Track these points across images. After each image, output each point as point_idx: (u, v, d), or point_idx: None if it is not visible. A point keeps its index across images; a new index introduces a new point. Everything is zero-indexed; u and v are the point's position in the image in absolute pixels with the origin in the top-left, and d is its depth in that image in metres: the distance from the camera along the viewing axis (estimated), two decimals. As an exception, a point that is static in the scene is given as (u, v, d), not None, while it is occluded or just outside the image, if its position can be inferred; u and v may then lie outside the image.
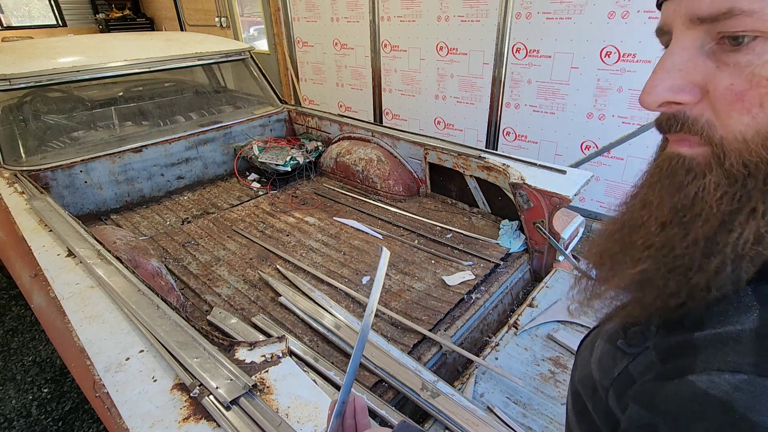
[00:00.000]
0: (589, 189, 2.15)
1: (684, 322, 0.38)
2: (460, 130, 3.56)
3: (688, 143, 0.35)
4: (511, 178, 1.85)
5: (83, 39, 2.68)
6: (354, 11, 3.83)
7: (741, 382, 0.29)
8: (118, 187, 2.35)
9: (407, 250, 1.96)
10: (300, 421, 0.78)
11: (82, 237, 1.34)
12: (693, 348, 0.34)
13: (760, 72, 0.30)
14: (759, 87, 0.30)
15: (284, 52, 4.79)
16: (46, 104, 2.49)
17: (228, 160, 2.80)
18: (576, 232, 1.97)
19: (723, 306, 0.35)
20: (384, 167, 2.44)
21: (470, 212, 2.27)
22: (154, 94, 2.89)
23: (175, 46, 2.62)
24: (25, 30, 6.82)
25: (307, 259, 1.92)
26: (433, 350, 1.45)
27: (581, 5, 2.59)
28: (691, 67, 0.34)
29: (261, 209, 2.38)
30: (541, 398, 1.31)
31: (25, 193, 1.68)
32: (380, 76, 3.93)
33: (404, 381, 1.25)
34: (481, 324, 1.65)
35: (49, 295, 1.11)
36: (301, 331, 1.49)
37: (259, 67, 3.05)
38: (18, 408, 1.88)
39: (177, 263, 1.91)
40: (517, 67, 3.00)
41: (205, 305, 1.64)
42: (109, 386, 0.85)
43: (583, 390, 0.49)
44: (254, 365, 0.90)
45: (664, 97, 0.35)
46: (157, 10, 7.30)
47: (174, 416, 0.79)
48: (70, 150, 2.27)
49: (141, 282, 1.13)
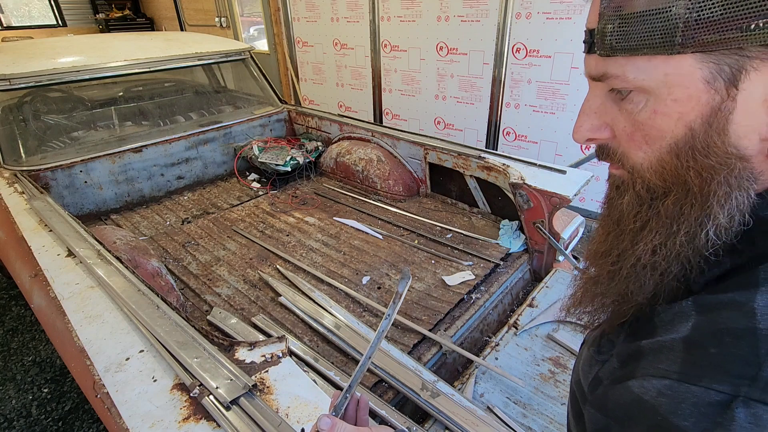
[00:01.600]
0: (589, 189, 2.16)
1: (640, 330, 0.42)
2: (460, 130, 3.56)
3: (615, 167, 0.43)
4: (511, 178, 1.84)
5: (83, 39, 2.68)
6: (354, 11, 3.83)
7: (664, 387, 0.32)
8: (118, 187, 2.35)
9: (407, 250, 1.96)
10: (300, 421, 0.78)
11: (82, 237, 1.34)
12: (640, 354, 0.38)
13: (639, 118, 0.38)
14: (640, 129, 0.38)
15: (284, 52, 4.79)
16: (46, 104, 2.49)
17: (228, 160, 2.80)
18: (576, 232, 1.97)
19: (670, 315, 0.39)
20: (384, 167, 2.44)
21: (470, 212, 2.27)
22: (154, 94, 2.89)
23: (175, 46, 2.62)
24: (25, 30, 6.81)
25: (307, 259, 1.92)
26: (433, 350, 1.45)
27: (581, 5, 2.59)
28: (603, 110, 0.41)
29: (261, 209, 2.38)
30: (541, 398, 1.31)
31: (25, 193, 1.68)
32: (380, 76, 3.93)
33: (404, 381, 1.25)
34: (481, 324, 1.65)
35: (49, 295, 1.11)
36: (301, 331, 1.49)
37: (259, 67, 3.05)
38: (18, 408, 1.88)
39: (177, 263, 1.91)
40: (517, 67, 3.00)
41: (205, 305, 1.64)
42: (109, 386, 0.85)
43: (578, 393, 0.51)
44: (254, 365, 0.90)
45: (586, 136, 0.43)
46: (157, 10, 7.30)
47: (174, 416, 0.79)
48: (70, 150, 2.27)
49: (141, 282, 1.13)
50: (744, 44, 0.31)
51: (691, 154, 0.36)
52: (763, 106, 0.33)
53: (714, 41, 0.31)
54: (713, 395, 0.30)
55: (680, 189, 0.37)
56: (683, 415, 0.30)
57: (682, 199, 0.37)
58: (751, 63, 0.31)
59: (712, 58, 0.32)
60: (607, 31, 0.36)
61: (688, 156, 0.36)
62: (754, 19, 0.30)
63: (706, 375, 0.31)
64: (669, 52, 0.33)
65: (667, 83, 0.34)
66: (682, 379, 0.31)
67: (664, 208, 0.38)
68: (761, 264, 0.35)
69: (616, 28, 0.36)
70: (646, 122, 0.37)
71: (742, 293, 0.34)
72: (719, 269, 0.38)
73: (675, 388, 0.31)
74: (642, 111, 0.37)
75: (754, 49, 0.31)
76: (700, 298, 0.37)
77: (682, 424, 0.30)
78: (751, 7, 0.30)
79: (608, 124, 0.41)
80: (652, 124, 0.37)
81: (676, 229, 0.38)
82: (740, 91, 0.33)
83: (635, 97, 0.37)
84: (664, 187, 0.38)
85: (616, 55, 0.36)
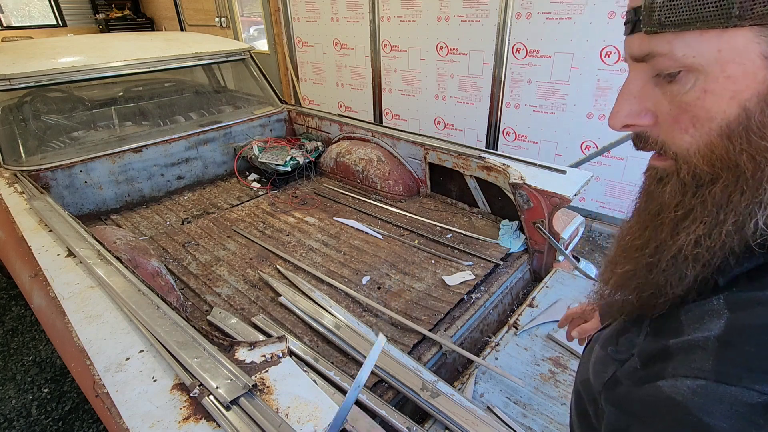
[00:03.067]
0: (589, 189, 2.16)
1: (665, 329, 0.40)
2: (460, 130, 3.56)
3: (659, 157, 0.41)
4: (511, 178, 1.84)
5: (83, 39, 2.68)
6: (354, 11, 3.83)
7: (699, 387, 0.31)
8: (118, 187, 2.35)
9: (407, 250, 1.96)
10: (300, 421, 0.78)
11: (82, 237, 1.33)
12: (668, 354, 0.37)
13: (686, 99, 0.35)
14: (687, 111, 0.36)
15: (284, 52, 4.79)
16: (46, 104, 2.49)
17: (228, 160, 2.80)
18: (576, 232, 1.97)
19: (699, 313, 0.37)
20: (384, 167, 2.44)
21: (470, 212, 2.27)
22: (154, 94, 2.89)
23: (175, 46, 2.62)
24: (25, 30, 6.81)
25: (307, 259, 1.92)
26: (433, 350, 1.45)
27: (581, 5, 2.59)
28: (644, 94, 0.39)
29: (261, 209, 2.38)
30: (541, 398, 1.31)
31: (25, 193, 1.68)
32: (380, 76, 3.92)
33: (404, 381, 1.25)
34: (481, 324, 1.65)
35: (49, 295, 1.11)
36: (301, 331, 1.49)
37: (259, 67, 3.05)
38: (18, 408, 1.88)
39: (177, 263, 1.91)
40: (517, 67, 3.00)
41: (205, 305, 1.64)
42: (109, 386, 0.85)
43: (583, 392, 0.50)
44: (254, 365, 0.90)
45: (624, 122, 0.40)
46: (157, 10, 7.29)
47: (174, 416, 0.79)
48: (70, 150, 2.27)
49: (141, 282, 1.13)
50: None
51: (746, 136, 0.33)
52: None
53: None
54: (755, 396, 0.28)
55: (730, 174, 0.35)
56: (719, 416, 0.29)
57: (732, 186, 0.35)
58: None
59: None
60: (656, 5, 0.34)
61: (742, 138, 0.33)
62: None
63: (745, 375, 0.30)
64: (725, 25, 0.31)
65: (720, 60, 0.32)
66: (720, 379, 0.30)
67: (711, 195, 0.36)
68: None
69: (666, 2, 0.33)
70: (695, 103, 0.35)
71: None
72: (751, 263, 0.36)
73: (712, 388, 0.30)
74: (690, 91, 0.35)
75: None
76: (733, 295, 0.35)
77: (718, 424, 0.29)
78: None
79: (649, 110, 0.39)
80: (702, 104, 0.34)
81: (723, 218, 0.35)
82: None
83: (684, 78, 0.35)
84: (712, 173, 0.36)
85: (665, 31, 0.34)
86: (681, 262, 0.38)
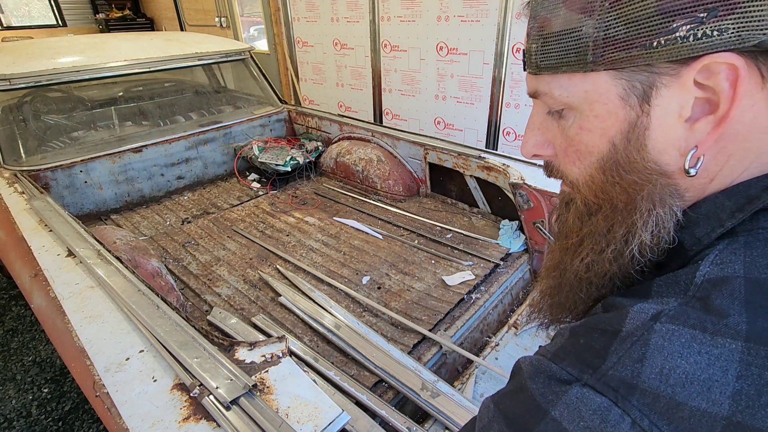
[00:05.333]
0: (589, 189, 2.17)
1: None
2: (460, 130, 3.56)
3: (563, 183, 0.45)
4: (511, 178, 1.85)
5: (83, 39, 2.68)
6: (354, 11, 3.83)
7: (537, 361, 0.37)
8: (118, 187, 2.35)
9: (407, 250, 1.96)
10: (300, 421, 0.78)
11: (82, 237, 1.33)
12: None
13: (569, 134, 0.39)
14: (572, 145, 0.39)
15: (284, 52, 4.79)
16: (46, 104, 2.49)
17: (228, 160, 2.80)
18: (576, 232, 1.96)
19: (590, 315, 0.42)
20: (384, 167, 2.44)
21: (470, 212, 2.27)
22: (154, 94, 2.89)
23: (175, 46, 2.61)
24: (25, 30, 6.81)
25: (307, 259, 1.92)
26: (433, 350, 1.45)
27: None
28: (544, 127, 0.43)
29: (261, 209, 2.38)
30: (541, 398, 1.31)
31: (25, 193, 1.68)
32: (380, 76, 3.92)
33: (404, 381, 1.25)
34: (481, 324, 1.65)
35: (49, 295, 1.11)
36: (301, 331, 1.49)
37: (259, 67, 3.05)
38: (18, 408, 1.88)
39: (177, 263, 1.91)
40: (517, 67, 3.00)
41: (205, 305, 1.64)
42: (109, 386, 0.85)
43: None
44: (254, 365, 0.90)
45: (532, 151, 0.45)
46: (157, 10, 7.29)
47: (174, 416, 0.79)
48: (70, 150, 2.27)
49: (141, 282, 1.13)
50: (650, 61, 0.32)
51: (616, 170, 0.37)
52: (678, 122, 0.33)
53: (622, 59, 0.32)
54: (564, 374, 0.34)
55: (608, 205, 0.39)
56: (536, 381, 0.35)
57: (611, 216, 0.39)
58: (661, 79, 0.32)
59: (624, 75, 0.33)
60: (533, 51, 0.38)
61: (613, 171, 0.37)
62: (655, 37, 0.31)
63: (566, 359, 0.34)
64: (584, 69, 0.35)
65: (588, 100, 0.36)
66: (551, 358, 0.35)
67: (596, 224, 0.40)
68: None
69: (540, 48, 0.37)
70: (575, 138, 0.39)
71: (631, 300, 0.35)
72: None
73: (543, 362, 0.36)
74: (571, 127, 0.39)
75: (662, 65, 0.32)
76: (609, 299, 0.39)
77: (532, 386, 0.35)
78: (652, 26, 0.30)
79: (550, 141, 0.43)
80: (580, 139, 0.38)
81: (605, 246, 0.39)
82: (653, 107, 0.33)
83: (567, 114, 0.39)
84: (597, 203, 0.40)
85: (542, 74, 0.38)
86: (577, 285, 0.43)
